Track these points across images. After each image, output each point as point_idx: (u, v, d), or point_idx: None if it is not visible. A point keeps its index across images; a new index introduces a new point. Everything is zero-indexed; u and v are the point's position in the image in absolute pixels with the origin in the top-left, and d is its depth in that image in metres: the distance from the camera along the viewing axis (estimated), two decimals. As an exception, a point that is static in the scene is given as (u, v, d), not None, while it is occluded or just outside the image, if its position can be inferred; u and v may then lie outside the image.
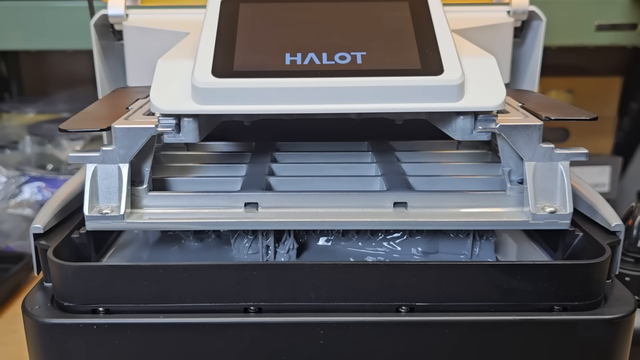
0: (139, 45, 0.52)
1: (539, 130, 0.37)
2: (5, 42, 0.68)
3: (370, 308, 0.35)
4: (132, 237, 0.46)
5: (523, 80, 0.56)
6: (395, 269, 0.34)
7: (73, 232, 0.39)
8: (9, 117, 0.84)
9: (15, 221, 0.73)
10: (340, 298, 0.35)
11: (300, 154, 0.48)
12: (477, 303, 0.35)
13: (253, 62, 0.37)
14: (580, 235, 0.39)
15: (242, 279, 0.34)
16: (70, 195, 0.41)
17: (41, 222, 0.38)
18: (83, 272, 0.34)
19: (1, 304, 0.64)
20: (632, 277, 0.51)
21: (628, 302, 0.35)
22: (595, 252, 0.36)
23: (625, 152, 0.87)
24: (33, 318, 0.34)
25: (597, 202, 0.40)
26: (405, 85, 0.36)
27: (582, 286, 0.35)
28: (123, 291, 0.34)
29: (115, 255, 0.44)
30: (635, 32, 0.68)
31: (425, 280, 0.34)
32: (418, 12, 0.41)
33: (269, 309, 0.35)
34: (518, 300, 0.35)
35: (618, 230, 0.38)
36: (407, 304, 0.35)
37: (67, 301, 0.35)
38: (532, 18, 0.53)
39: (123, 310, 0.34)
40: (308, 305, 0.35)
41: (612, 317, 0.34)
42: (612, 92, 0.84)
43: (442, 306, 0.35)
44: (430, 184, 0.43)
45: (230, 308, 0.34)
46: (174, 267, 0.34)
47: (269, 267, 0.34)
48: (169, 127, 0.37)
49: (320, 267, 0.34)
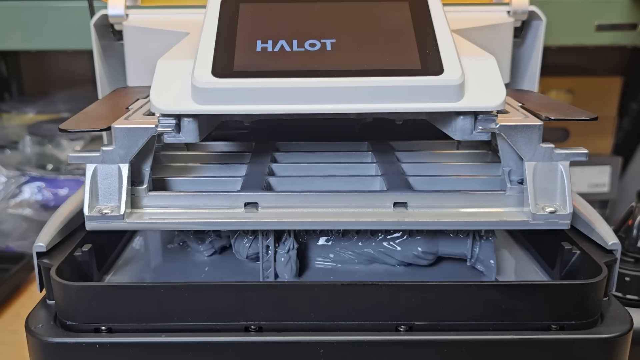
0: (139, 45, 0.51)
1: (539, 130, 0.37)
2: (5, 42, 0.68)
3: (369, 327, 0.35)
4: (134, 254, 0.47)
5: (523, 80, 0.56)
6: (394, 288, 0.35)
7: (75, 250, 0.39)
8: (9, 117, 0.84)
9: (15, 221, 0.73)
10: (340, 317, 0.35)
11: (300, 154, 0.48)
12: (476, 322, 0.35)
13: (253, 62, 0.37)
14: (577, 254, 0.39)
15: (242, 298, 0.34)
16: (73, 212, 0.42)
17: (44, 240, 0.38)
18: (86, 291, 0.35)
19: (1, 304, 0.64)
20: (632, 277, 0.51)
21: (624, 321, 0.36)
22: (592, 270, 0.37)
23: (625, 152, 0.87)
24: (36, 337, 0.34)
25: (594, 220, 0.40)
26: (405, 85, 0.36)
27: (579, 305, 0.35)
28: (125, 310, 0.35)
29: (118, 272, 0.44)
30: (635, 32, 0.68)
31: (424, 299, 0.34)
32: (418, 12, 0.41)
33: (270, 328, 0.35)
34: (516, 320, 0.35)
35: (615, 249, 0.38)
36: (406, 323, 0.35)
37: (70, 320, 0.35)
38: (532, 18, 0.53)
39: (125, 329, 0.35)
40: (308, 325, 0.35)
41: (608, 336, 0.34)
42: (612, 92, 0.83)
43: (441, 325, 0.35)
44: (430, 184, 0.42)
45: (231, 327, 0.35)
46: (175, 287, 0.34)
47: (270, 287, 0.35)
48: (169, 127, 0.37)
49: (321, 287, 0.35)
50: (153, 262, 0.46)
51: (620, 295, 0.51)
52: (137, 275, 0.44)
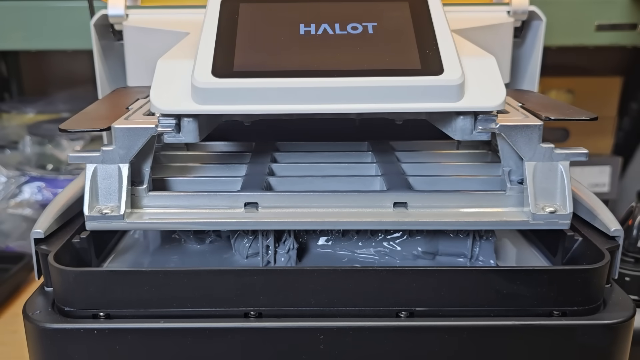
0: (139, 45, 0.52)
1: (539, 130, 0.37)
2: (5, 42, 0.68)
3: (370, 313, 0.35)
4: (133, 242, 0.46)
5: (523, 80, 0.56)
6: (394, 274, 0.34)
7: (74, 237, 0.39)
8: (9, 117, 0.84)
9: (15, 221, 0.73)
10: (340, 303, 0.35)
11: (300, 154, 0.48)
12: (477, 308, 0.35)
13: (253, 62, 0.37)
14: (579, 240, 0.39)
15: (242, 284, 0.34)
16: (71, 199, 0.42)
17: (42, 226, 0.38)
18: (84, 277, 0.34)
19: (1, 304, 0.64)
20: (632, 277, 0.51)
21: (627, 307, 0.36)
22: (595, 257, 0.36)
23: (625, 152, 0.87)
24: (34, 323, 0.34)
25: (596, 207, 0.40)
26: (405, 85, 0.36)
27: (581, 291, 0.35)
28: (123, 296, 0.34)
29: (117, 259, 0.44)
30: (635, 32, 0.68)
31: (425, 285, 0.34)
32: (418, 12, 0.41)
33: (269, 314, 0.35)
34: (517, 305, 0.35)
35: (617, 235, 0.38)
36: (407, 309, 0.35)
37: (67, 306, 0.35)
38: (532, 18, 0.53)
39: (124, 315, 0.35)
40: (308, 310, 0.35)
41: (611, 322, 0.34)
42: (612, 92, 0.83)
43: (442, 311, 0.35)
44: (430, 184, 0.43)
45: (231, 313, 0.35)
46: (174, 272, 0.34)
47: (269, 272, 0.35)
48: (169, 127, 0.37)
49: (320, 272, 0.34)
50: (152, 248, 0.45)
51: (620, 295, 0.51)
52: (135, 262, 0.43)
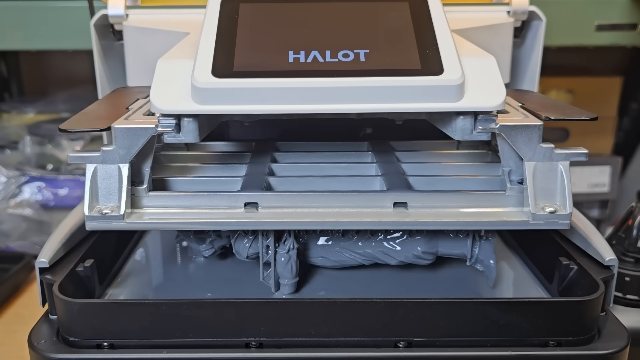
0: (139, 45, 0.51)
1: (539, 130, 0.37)
2: (5, 42, 0.68)
3: (369, 343, 0.35)
4: (136, 266, 0.47)
5: (523, 80, 0.56)
6: (393, 305, 0.35)
7: (77, 265, 0.39)
8: (9, 117, 0.84)
9: (15, 221, 0.73)
10: (340, 333, 0.35)
11: (300, 154, 0.48)
12: (474, 338, 0.35)
13: (253, 62, 0.37)
14: (575, 269, 0.39)
15: (243, 315, 0.35)
16: (75, 225, 0.42)
17: (46, 256, 0.38)
18: (88, 308, 0.35)
19: (1, 304, 0.64)
20: (632, 277, 0.51)
21: (621, 337, 0.36)
22: (590, 286, 0.37)
23: (625, 152, 0.87)
24: (39, 353, 0.35)
25: (591, 235, 0.40)
26: (406, 85, 0.36)
27: (576, 322, 0.35)
28: (127, 326, 0.35)
29: (121, 285, 0.44)
30: (635, 32, 0.68)
31: (423, 316, 0.35)
32: (418, 12, 0.41)
33: (270, 344, 0.35)
34: (513, 336, 0.35)
35: (612, 264, 0.38)
36: (405, 339, 0.35)
37: (72, 336, 0.35)
38: (532, 18, 0.53)
39: (127, 345, 0.35)
40: (308, 341, 0.35)
41: (605, 352, 0.35)
42: (612, 92, 0.83)
43: (440, 341, 0.35)
44: (430, 184, 0.42)
45: (232, 343, 0.35)
46: (177, 304, 0.35)
47: (270, 304, 0.35)
48: (169, 127, 0.37)
49: (320, 304, 0.35)
50: (154, 274, 0.46)
51: (620, 295, 0.51)
52: (139, 287, 0.44)
